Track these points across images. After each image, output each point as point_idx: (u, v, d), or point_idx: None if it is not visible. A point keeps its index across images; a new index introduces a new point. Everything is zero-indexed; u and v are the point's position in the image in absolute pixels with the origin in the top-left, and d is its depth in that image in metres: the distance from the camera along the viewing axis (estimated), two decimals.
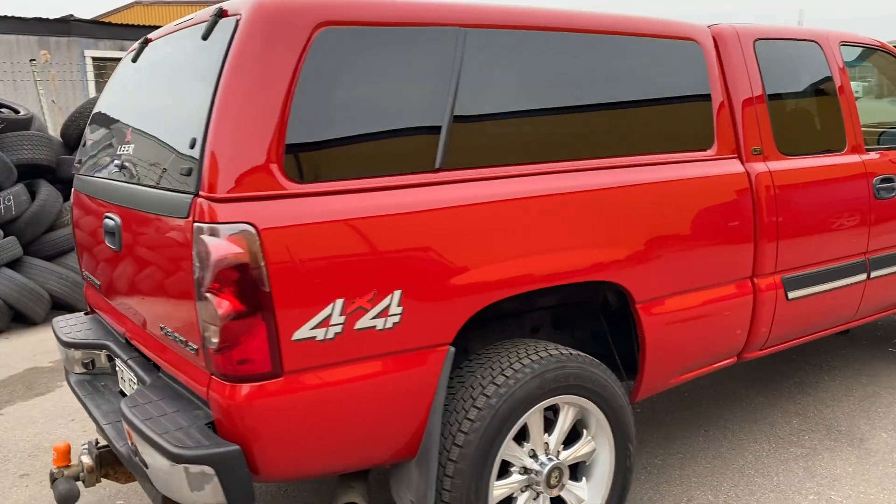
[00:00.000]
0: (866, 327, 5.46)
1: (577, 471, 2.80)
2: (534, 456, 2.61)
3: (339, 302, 2.10)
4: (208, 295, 1.99)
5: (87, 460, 2.71)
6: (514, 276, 2.41)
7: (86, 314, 3.35)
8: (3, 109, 6.88)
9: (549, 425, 2.66)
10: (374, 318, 2.17)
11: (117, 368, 2.87)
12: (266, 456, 2.11)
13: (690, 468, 3.51)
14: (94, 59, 13.02)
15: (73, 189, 3.28)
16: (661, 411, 4.16)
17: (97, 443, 2.86)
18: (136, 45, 3.05)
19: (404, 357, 2.25)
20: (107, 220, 2.68)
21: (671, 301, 2.87)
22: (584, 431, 2.74)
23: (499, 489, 2.52)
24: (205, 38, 2.30)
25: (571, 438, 2.74)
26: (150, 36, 2.98)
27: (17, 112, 6.91)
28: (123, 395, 2.81)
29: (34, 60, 9.71)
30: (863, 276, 3.59)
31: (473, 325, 2.86)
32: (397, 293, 2.19)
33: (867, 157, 3.61)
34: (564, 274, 2.53)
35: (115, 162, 2.69)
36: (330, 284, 2.08)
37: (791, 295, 3.26)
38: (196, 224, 2.02)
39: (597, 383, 2.64)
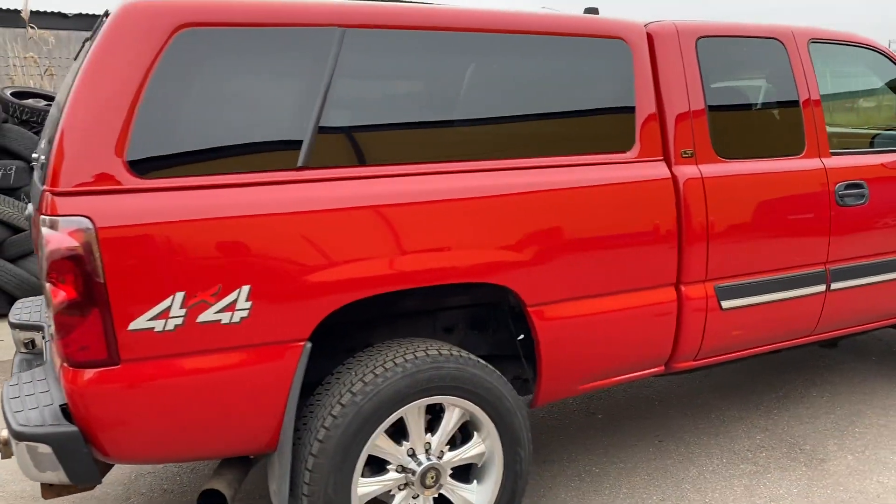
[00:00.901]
0: (879, 343, 5.14)
1: (470, 473, 2.78)
2: (413, 455, 2.62)
3: (180, 295, 2.17)
4: (47, 284, 2.10)
5: (4, 433, 2.89)
6: (375, 275, 2.42)
7: None
8: (40, 100, 7.33)
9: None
10: (219, 312, 2.23)
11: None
12: (111, 439, 2.21)
13: (626, 479, 3.42)
14: None
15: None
16: (622, 418, 4.06)
17: None
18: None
19: (255, 351, 2.30)
20: (29, 210, 2.86)
21: (571, 306, 2.80)
22: (476, 434, 2.73)
23: (369, 486, 2.54)
24: (90, 38, 2.42)
25: (466, 440, 2.73)
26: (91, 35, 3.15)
27: None
28: None
29: None
30: (821, 288, 3.39)
31: (379, 321, 2.92)
32: (245, 288, 2.25)
33: (831, 161, 3.40)
34: (437, 274, 2.52)
35: (35, 156, 2.86)
36: (169, 278, 2.16)
37: (726, 304, 3.12)
38: (41, 216, 2.14)
39: (479, 385, 2.62)
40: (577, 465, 3.56)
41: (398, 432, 2.61)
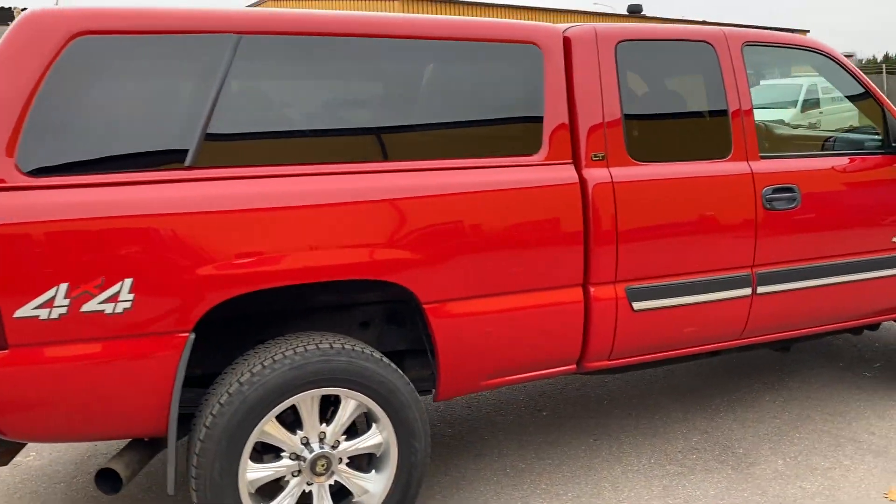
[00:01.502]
0: (851, 349, 5.06)
1: (371, 462, 2.89)
2: (307, 443, 2.73)
3: (64, 286, 2.33)
4: None
5: None
6: (258, 271, 2.53)
7: None
8: None
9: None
10: (103, 303, 2.38)
11: None
12: (2, 418, 2.38)
13: (548, 476, 3.48)
14: None
15: None
16: (566, 416, 4.11)
17: None
18: None
19: (139, 341, 2.45)
20: None
21: (469, 303, 2.88)
22: (374, 425, 2.83)
23: (260, 471, 2.66)
24: None
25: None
26: None
27: None
28: None
29: None
30: (746, 291, 3.39)
31: (295, 315, 3.04)
32: (128, 281, 2.40)
33: (760, 165, 3.39)
34: (324, 272, 2.63)
35: None
36: (53, 270, 2.32)
37: (637, 306, 3.16)
38: None
39: (371, 379, 2.72)
40: (506, 460, 3.63)
41: (297, 422, 2.73)
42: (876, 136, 3.79)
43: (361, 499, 2.83)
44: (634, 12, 27.14)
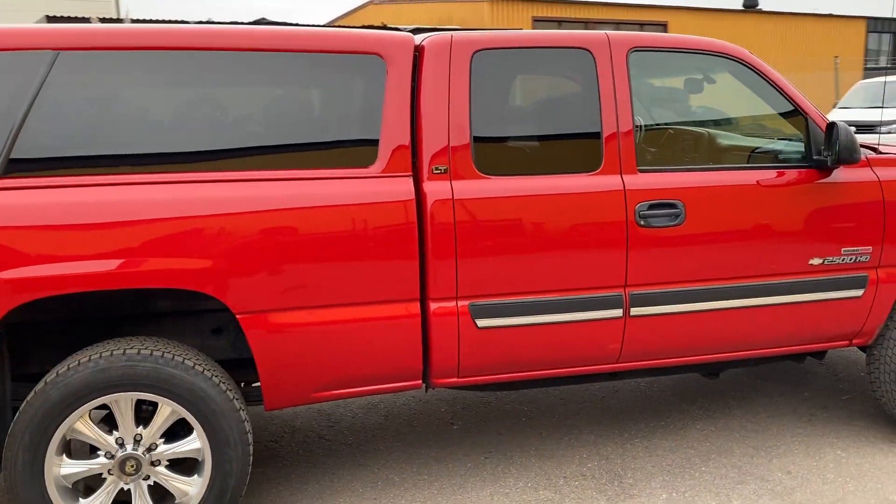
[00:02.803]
0: (826, 379, 4.63)
1: (196, 466, 2.96)
2: (122, 444, 2.84)
3: None
4: None
5: None
6: (53, 277, 2.65)
7: None
8: None
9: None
10: None
11: None
12: None
13: (414, 492, 3.42)
14: None
15: None
16: (475, 432, 4.01)
17: None
18: None
19: None
20: None
21: (290, 315, 2.88)
22: (195, 430, 2.89)
23: (72, 467, 2.79)
24: None
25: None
26: None
27: None
28: None
29: None
30: (616, 312, 3.19)
31: (147, 318, 3.16)
32: None
33: (636, 179, 3.18)
34: (120, 279, 2.71)
35: None
36: None
37: (482, 323, 3.05)
38: None
39: (178, 386, 2.78)
40: (384, 472, 3.60)
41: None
42: (797, 148, 3.46)
43: (181, 501, 2.90)
44: (750, 6, 25.83)
